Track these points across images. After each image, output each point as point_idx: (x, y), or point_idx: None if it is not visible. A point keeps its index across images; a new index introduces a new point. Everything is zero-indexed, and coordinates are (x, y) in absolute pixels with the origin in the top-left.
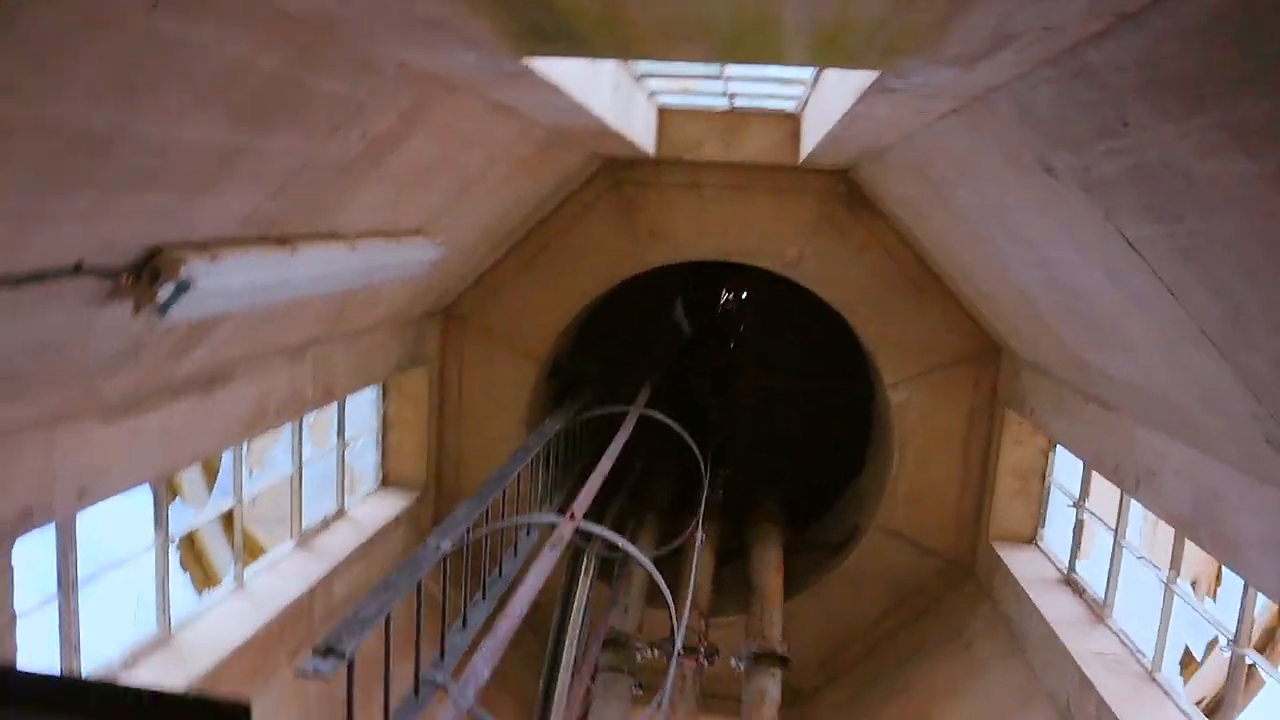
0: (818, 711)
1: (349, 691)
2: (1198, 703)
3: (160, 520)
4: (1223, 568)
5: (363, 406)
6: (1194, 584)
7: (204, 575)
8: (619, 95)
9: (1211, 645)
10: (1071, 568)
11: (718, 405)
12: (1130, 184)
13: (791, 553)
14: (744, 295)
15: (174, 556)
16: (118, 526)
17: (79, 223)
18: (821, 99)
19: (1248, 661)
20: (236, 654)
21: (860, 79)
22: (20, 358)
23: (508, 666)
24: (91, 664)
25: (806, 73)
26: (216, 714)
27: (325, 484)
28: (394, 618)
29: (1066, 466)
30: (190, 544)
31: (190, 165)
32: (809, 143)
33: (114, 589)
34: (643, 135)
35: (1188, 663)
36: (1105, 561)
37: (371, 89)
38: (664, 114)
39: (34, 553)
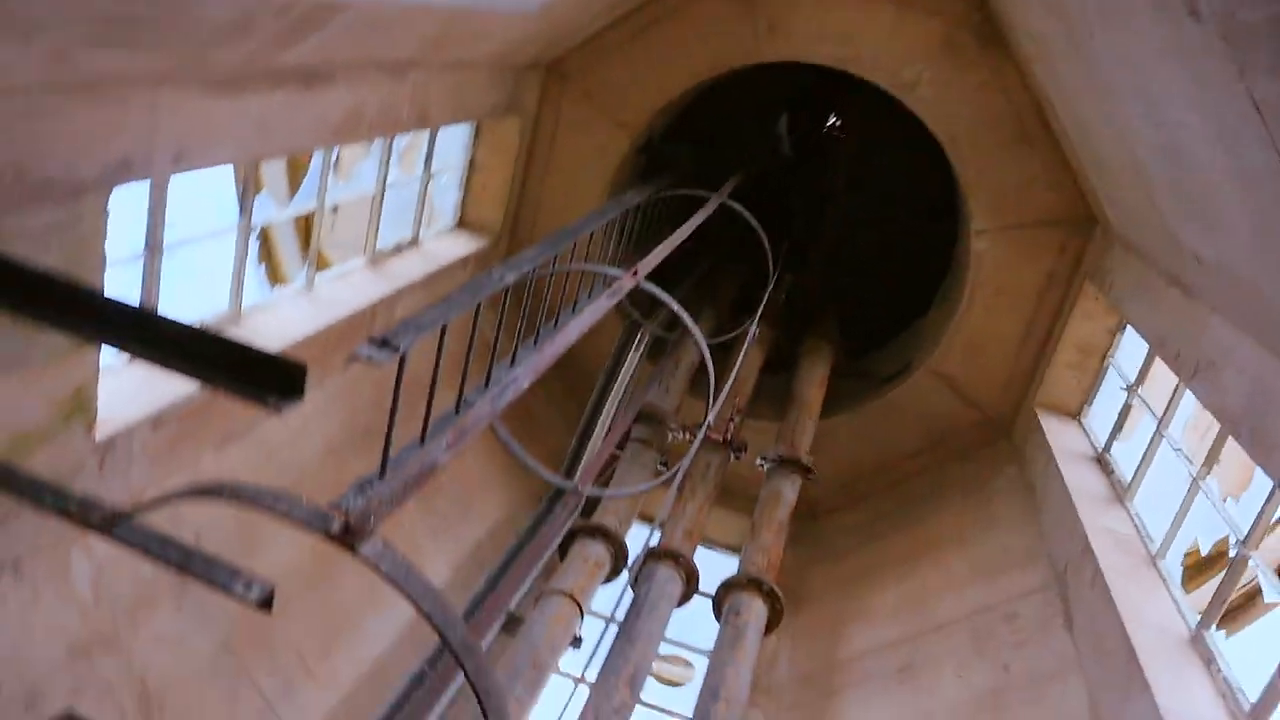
0: (828, 528)
1: (397, 384)
2: None
3: (246, 205)
4: (1252, 475)
5: (453, 144)
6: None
7: (275, 273)
8: None
9: (1221, 545)
10: (1107, 448)
11: (802, 217)
12: (1274, 34)
13: (839, 375)
14: (850, 118)
15: (253, 246)
16: (203, 205)
17: None
18: None
19: (1251, 564)
20: (298, 346)
21: None
22: (139, 4)
23: (546, 423)
24: None
25: None
26: (277, 369)
27: (404, 212)
28: (447, 347)
29: (1129, 352)
30: (265, 241)
31: None
32: None
33: (193, 264)
34: None
35: (1192, 555)
36: (1141, 447)
37: None
38: None
39: (125, 212)
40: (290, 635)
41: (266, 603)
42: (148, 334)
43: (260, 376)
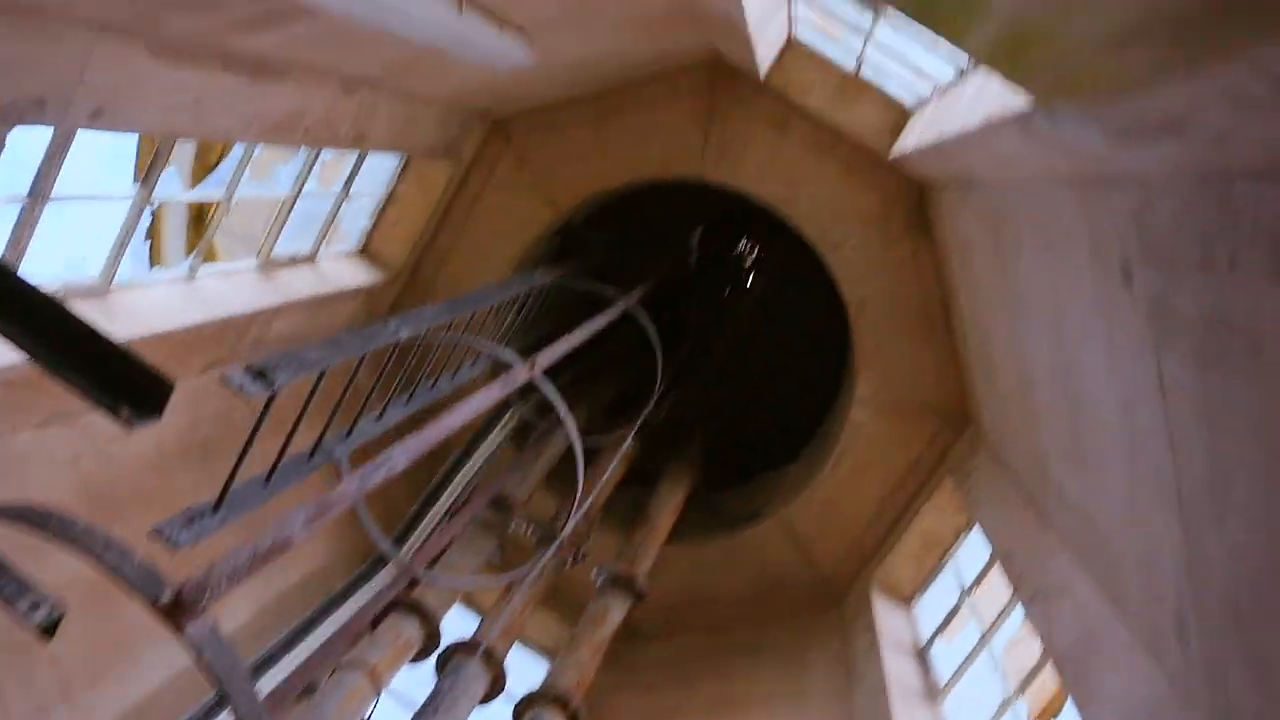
0: (642, 656)
1: (258, 421)
2: None
3: (151, 178)
4: (1063, 706)
5: (378, 170)
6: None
7: (156, 254)
8: (768, 2)
9: None
10: (930, 644)
11: (696, 337)
12: (1198, 326)
13: (692, 503)
14: (765, 255)
15: (144, 220)
16: (93, 161)
17: None
18: (948, 106)
19: None
20: (158, 338)
21: (1005, 101)
22: None
23: (390, 482)
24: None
25: (945, 73)
26: (142, 379)
27: (308, 224)
28: (320, 390)
29: (970, 554)
30: (155, 222)
31: None
32: (910, 142)
33: (72, 225)
34: (765, 52)
35: None
36: (963, 651)
37: None
38: (791, 45)
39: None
40: (56, 653)
41: (49, 630)
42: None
43: (119, 382)
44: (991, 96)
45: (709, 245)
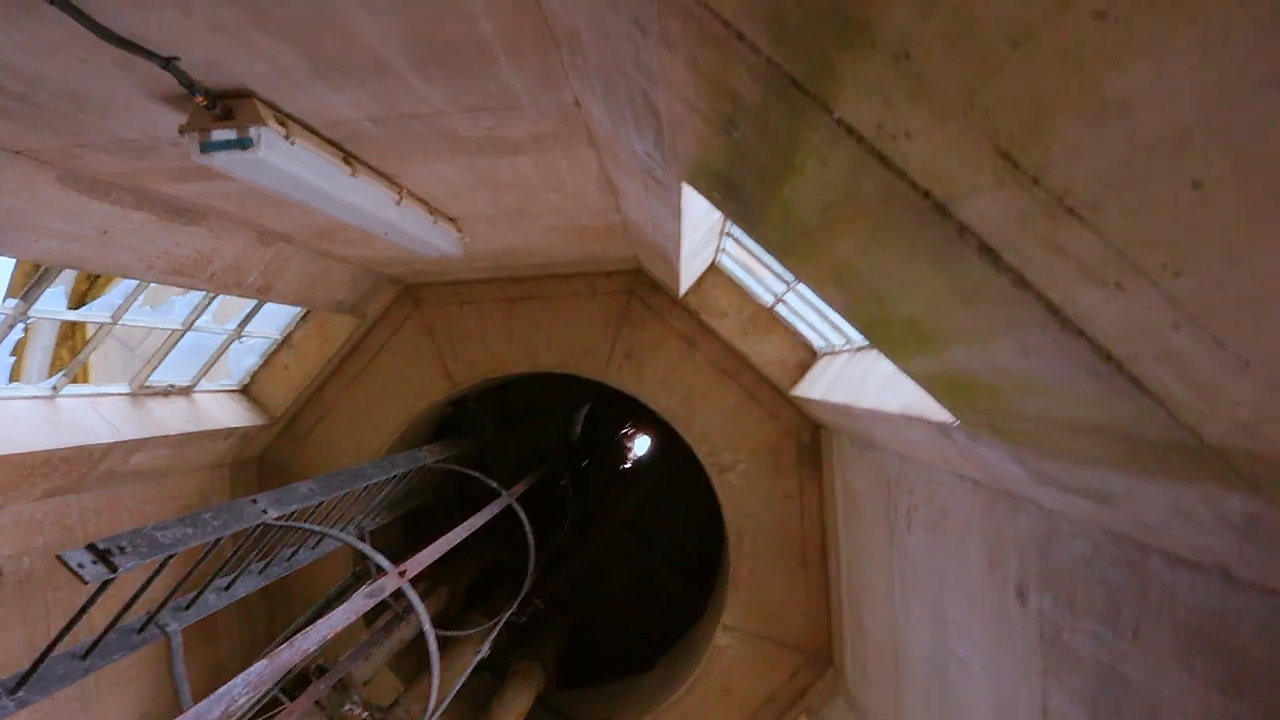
0: None
1: (88, 602)
2: None
3: (32, 295)
4: None
5: (278, 314)
6: None
7: (17, 368)
8: (706, 233)
9: None
10: None
11: (569, 529)
12: (1094, 674)
13: (539, 701)
14: (651, 454)
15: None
16: None
17: (206, 28)
18: (861, 368)
19: None
20: (2, 460)
21: (926, 407)
22: (50, 90)
23: (226, 627)
24: None
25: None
26: None
27: (192, 356)
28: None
29: None
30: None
31: (345, 47)
32: (815, 391)
33: None
34: (689, 272)
35: None
36: None
37: (539, 104)
38: (713, 269)
39: None
40: None
41: None
42: None
43: None
44: (914, 389)
45: (594, 423)
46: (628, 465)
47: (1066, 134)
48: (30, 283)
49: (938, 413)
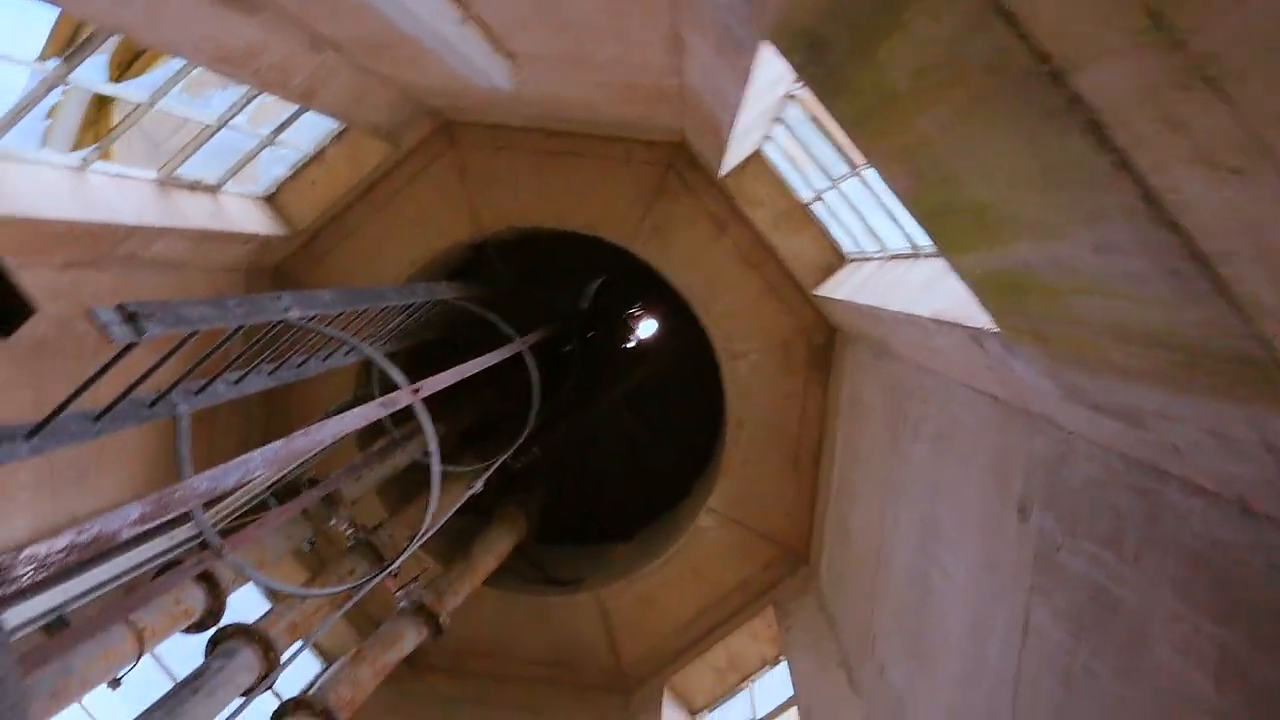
0: (421, 687)
1: (110, 362)
2: None
3: (76, 56)
4: None
5: (313, 126)
6: None
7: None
8: (761, 113)
9: None
10: None
11: (571, 389)
12: (1083, 592)
13: (517, 551)
14: (658, 335)
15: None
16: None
17: None
18: (891, 276)
19: None
20: (27, 222)
21: (965, 311)
22: None
23: (225, 424)
24: None
25: (895, 240)
26: (6, 294)
27: (221, 155)
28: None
29: (770, 686)
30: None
31: None
32: (839, 292)
33: None
34: (731, 156)
35: None
36: None
37: None
38: (756, 156)
39: None
40: None
41: None
42: None
43: None
44: (949, 296)
45: (605, 297)
46: (630, 344)
47: None
48: (68, 42)
49: (975, 318)
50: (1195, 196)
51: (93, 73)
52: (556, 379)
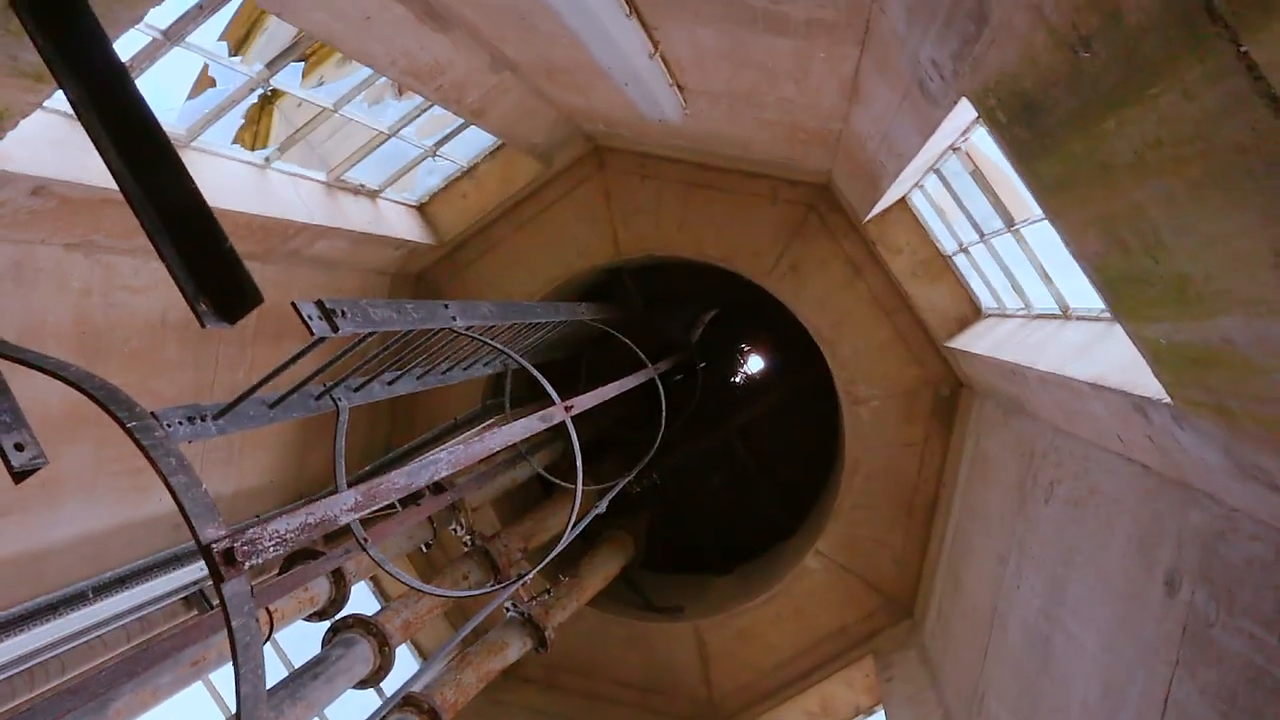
0: (513, 695)
1: (299, 354)
2: None
3: (277, 64)
4: None
5: (472, 141)
6: None
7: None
8: (921, 164)
9: None
10: None
11: (687, 421)
12: (1238, 673)
13: (621, 574)
14: (765, 376)
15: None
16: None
17: None
18: (1037, 334)
19: None
20: (219, 214)
21: (1131, 377)
22: None
23: (354, 424)
24: None
25: (1042, 300)
26: (238, 282)
27: (382, 162)
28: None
29: None
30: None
31: None
32: (977, 344)
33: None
34: (886, 199)
35: None
36: None
37: None
38: (902, 204)
39: None
40: None
41: (21, 475)
42: (133, 133)
43: (211, 276)
44: (1110, 360)
45: (717, 329)
46: (738, 379)
47: None
48: (245, 34)
49: (1140, 387)
50: None
51: (289, 78)
52: (673, 407)
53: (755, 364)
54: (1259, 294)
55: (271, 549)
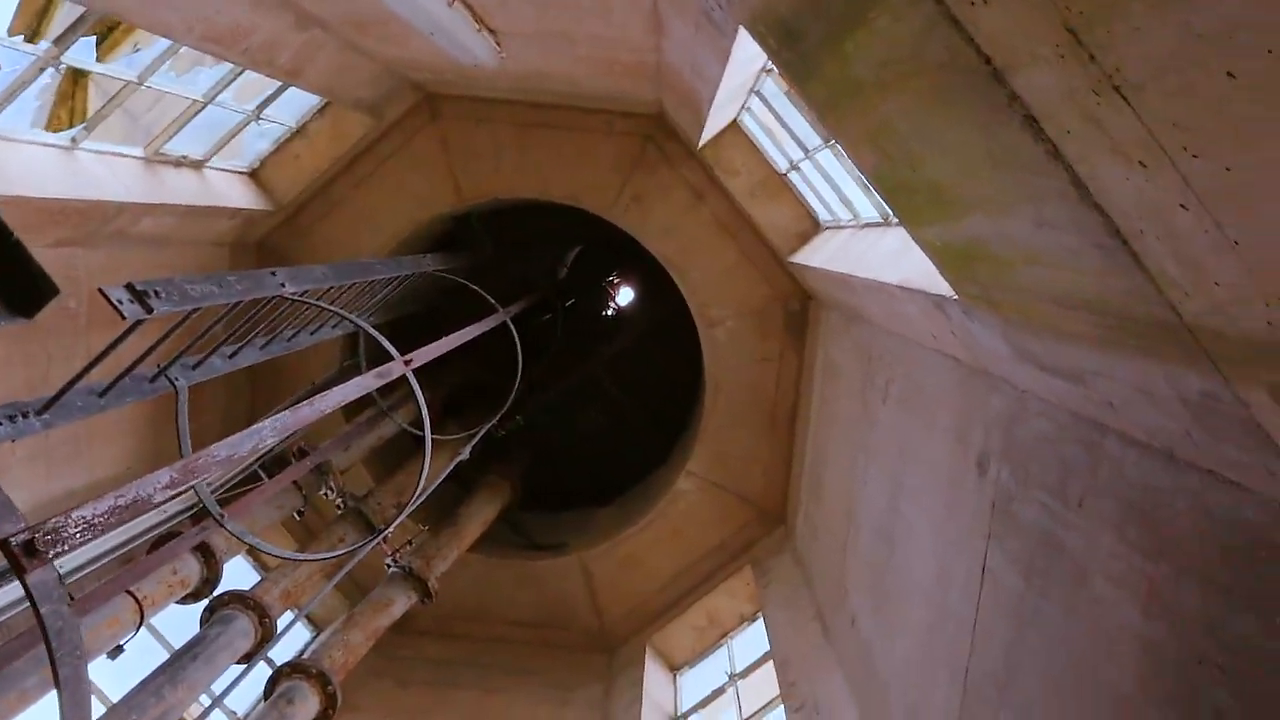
0: (408, 648)
1: (118, 339)
2: None
3: (66, 39)
4: None
5: (297, 101)
6: None
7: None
8: (738, 86)
9: None
10: (687, 715)
11: (553, 359)
12: (1033, 537)
13: (502, 517)
14: (635, 303)
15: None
16: None
17: None
18: (864, 244)
19: None
20: (19, 200)
21: (929, 279)
22: None
23: (212, 394)
24: None
25: (868, 209)
26: (29, 276)
27: (205, 130)
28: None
29: (748, 643)
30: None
31: None
32: (814, 260)
33: None
34: (713, 123)
35: None
36: None
37: None
38: (733, 126)
39: None
40: None
41: None
42: None
43: (0, 273)
44: (915, 265)
45: (583, 266)
46: (609, 313)
47: (1133, 17)
48: (36, 24)
49: (936, 286)
50: (1113, 183)
51: (82, 53)
52: (538, 347)
53: (624, 298)
54: (988, 194)
55: (79, 536)
